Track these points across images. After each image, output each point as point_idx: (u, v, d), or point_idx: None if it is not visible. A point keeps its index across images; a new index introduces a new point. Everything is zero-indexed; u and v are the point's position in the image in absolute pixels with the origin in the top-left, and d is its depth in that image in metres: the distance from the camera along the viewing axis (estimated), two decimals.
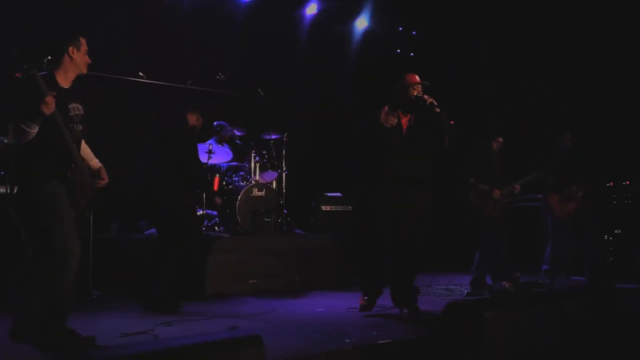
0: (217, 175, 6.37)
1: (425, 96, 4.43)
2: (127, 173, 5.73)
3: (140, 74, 6.51)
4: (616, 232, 6.67)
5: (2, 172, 4.74)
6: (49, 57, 5.06)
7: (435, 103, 4.41)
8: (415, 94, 4.46)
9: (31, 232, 3.45)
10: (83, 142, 3.60)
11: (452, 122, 4.55)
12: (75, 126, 3.45)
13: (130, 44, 6.59)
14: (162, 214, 4.73)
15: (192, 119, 5.08)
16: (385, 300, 4.61)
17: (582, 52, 7.57)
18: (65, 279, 3.29)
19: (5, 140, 4.67)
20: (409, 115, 4.54)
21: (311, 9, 8.07)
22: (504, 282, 5.61)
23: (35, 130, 3.18)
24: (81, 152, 3.54)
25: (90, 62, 3.55)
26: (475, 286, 5.66)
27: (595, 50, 7.46)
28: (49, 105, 3.11)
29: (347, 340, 3.44)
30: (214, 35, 7.38)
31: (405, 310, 4.48)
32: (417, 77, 4.55)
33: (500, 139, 5.86)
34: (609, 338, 3.58)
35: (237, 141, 6.91)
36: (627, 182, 6.69)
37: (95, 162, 3.67)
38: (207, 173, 6.25)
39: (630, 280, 6.03)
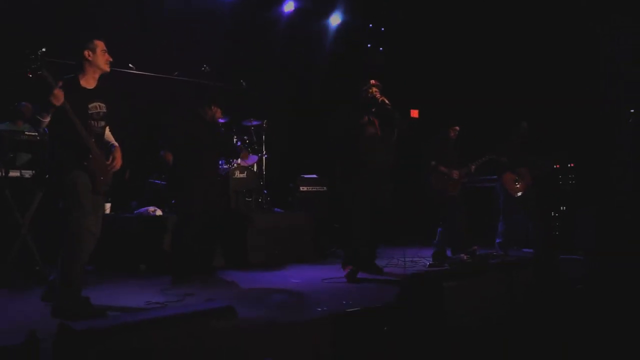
0: None
1: (380, 97, 4.75)
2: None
3: (130, 65, 6.28)
4: (561, 208, 6.70)
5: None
6: (44, 50, 4.94)
7: (387, 102, 4.73)
8: (376, 96, 4.79)
9: (59, 211, 3.46)
10: (107, 129, 3.62)
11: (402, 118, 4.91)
12: (96, 123, 3.47)
13: (119, 38, 6.34)
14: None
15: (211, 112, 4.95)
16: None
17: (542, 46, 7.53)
18: (82, 252, 3.33)
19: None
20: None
21: (289, 6, 7.90)
22: (463, 255, 5.60)
23: (47, 119, 3.24)
24: (105, 139, 3.60)
25: (111, 59, 3.53)
26: (436, 258, 5.63)
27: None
28: (58, 97, 3.15)
29: (319, 309, 3.37)
30: (199, 30, 7.17)
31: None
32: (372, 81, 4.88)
33: (457, 128, 5.86)
34: (548, 302, 3.60)
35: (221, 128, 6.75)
36: (572, 165, 6.72)
37: (112, 142, 3.65)
38: None
39: (572, 252, 6.08)
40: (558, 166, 6.82)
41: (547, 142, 6.69)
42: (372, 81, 4.91)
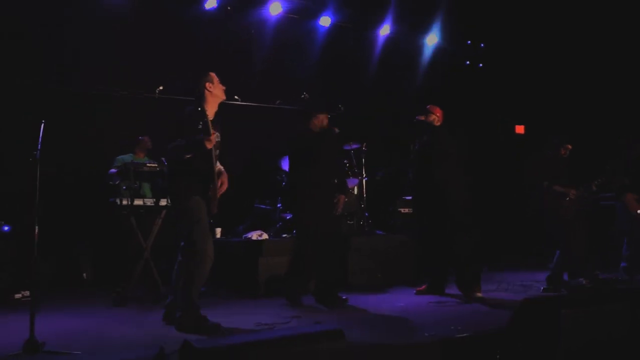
0: None
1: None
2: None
3: (236, 97, 6.68)
4: None
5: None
6: (161, 88, 5.41)
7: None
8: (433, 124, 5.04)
9: (180, 235, 3.69)
10: None
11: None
12: (216, 150, 3.70)
13: (225, 72, 6.78)
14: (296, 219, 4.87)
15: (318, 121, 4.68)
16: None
17: None
18: (202, 275, 3.57)
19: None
20: None
21: (384, 30, 7.98)
22: (582, 279, 5.21)
23: (189, 156, 3.50)
24: None
25: (225, 88, 3.80)
26: (551, 282, 5.29)
27: None
28: (212, 142, 3.44)
29: (426, 334, 3.30)
30: (296, 59, 7.47)
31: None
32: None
33: (569, 146, 5.51)
34: None
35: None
36: None
37: (219, 168, 3.82)
38: None
39: None
40: None
41: None
42: (430, 107, 5.08)
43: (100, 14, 6.22)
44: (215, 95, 3.74)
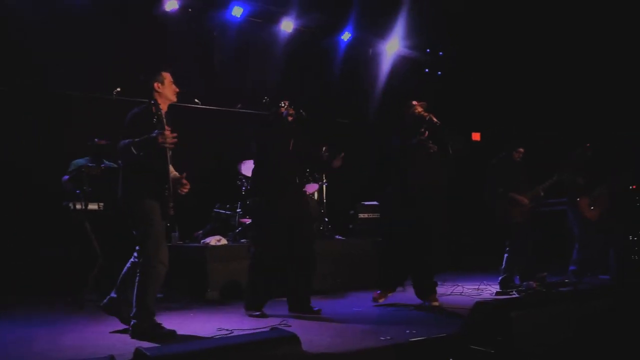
0: None
1: (427, 114, 4.67)
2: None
3: (196, 100, 6.61)
4: None
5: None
6: (118, 90, 5.28)
7: (435, 119, 4.63)
8: (423, 114, 4.68)
9: (134, 237, 3.60)
10: None
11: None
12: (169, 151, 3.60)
13: (185, 74, 6.70)
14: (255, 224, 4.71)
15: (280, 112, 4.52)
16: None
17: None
18: (156, 281, 3.49)
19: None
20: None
21: (346, 36, 8.07)
22: (532, 282, 5.40)
23: (141, 154, 3.37)
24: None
25: (178, 90, 3.69)
26: (504, 286, 5.46)
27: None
28: (167, 137, 3.33)
29: (382, 338, 3.35)
30: (257, 63, 7.46)
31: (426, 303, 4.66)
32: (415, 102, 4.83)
33: (522, 150, 5.69)
34: (633, 334, 3.37)
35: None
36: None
37: (175, 173, 3.72)
38: None
39: None
40: (635, 187, 6.46)
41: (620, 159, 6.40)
42: (414, 102, 4.82)
43: (61, 13, 6.05)
44: (164, 96, 3.63)
